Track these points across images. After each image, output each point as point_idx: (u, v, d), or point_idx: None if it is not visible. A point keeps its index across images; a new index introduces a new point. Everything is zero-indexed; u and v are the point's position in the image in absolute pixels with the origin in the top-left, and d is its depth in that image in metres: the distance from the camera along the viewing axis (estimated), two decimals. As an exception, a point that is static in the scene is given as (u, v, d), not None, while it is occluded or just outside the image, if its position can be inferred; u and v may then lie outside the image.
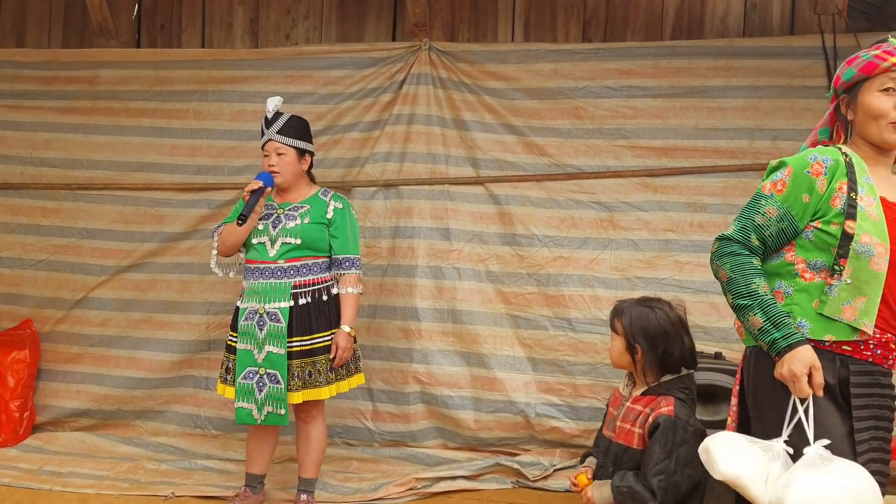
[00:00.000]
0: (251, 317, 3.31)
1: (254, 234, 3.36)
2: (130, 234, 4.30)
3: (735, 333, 3.73)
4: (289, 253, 3.32)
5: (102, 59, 4.38)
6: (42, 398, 4.34)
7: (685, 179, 3.91)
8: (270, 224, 3.35)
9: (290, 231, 3.33)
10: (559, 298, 3.96)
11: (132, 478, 3.79)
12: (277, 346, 3.26)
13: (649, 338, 2.41)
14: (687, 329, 2.47)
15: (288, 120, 3.40)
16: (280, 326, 3.26)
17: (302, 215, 3.36)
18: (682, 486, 2.25)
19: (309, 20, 4.37)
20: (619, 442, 2.41)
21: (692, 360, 2.45)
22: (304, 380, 3.29)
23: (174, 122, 4.29)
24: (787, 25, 4.03)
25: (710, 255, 2.19)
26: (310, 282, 3.34)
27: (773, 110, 3.87)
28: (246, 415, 3.30)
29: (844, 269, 2.07)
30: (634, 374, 2.48)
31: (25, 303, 4.40)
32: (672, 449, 2.26)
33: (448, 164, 4.10)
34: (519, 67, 4.06)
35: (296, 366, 3.29)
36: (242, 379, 3.30)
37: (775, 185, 2.17)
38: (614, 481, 2.33)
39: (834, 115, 2.33)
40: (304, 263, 3.34)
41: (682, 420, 2.30)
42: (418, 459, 4.00)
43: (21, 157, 4.42)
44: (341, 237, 3.39)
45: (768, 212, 2.15)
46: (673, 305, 2.49)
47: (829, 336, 2.08)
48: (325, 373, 3.32)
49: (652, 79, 3.95)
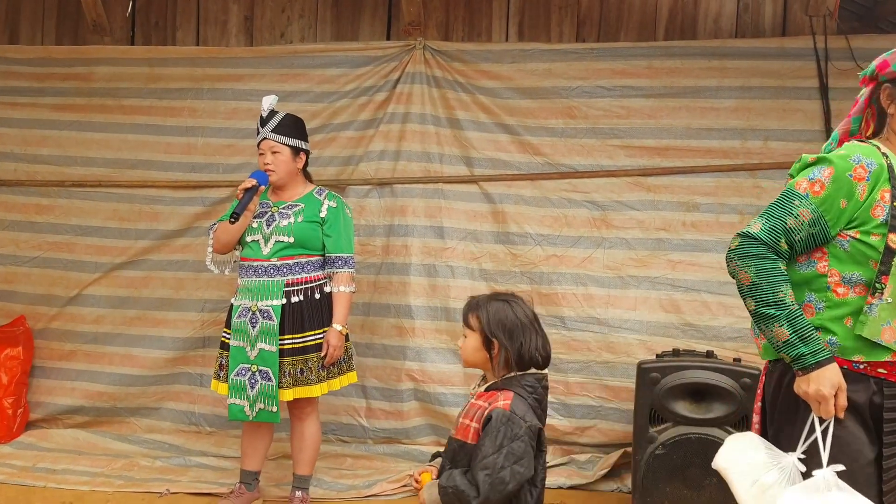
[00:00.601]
0: (244, 314, 3.33)
1: (248, 231, 3.37)
2: (125, 231, 4.31)
3: (726, 332, 3.82)
4: (282, 251, 3.34)
5: (97, 56, 4.38)
6: (36, 395, 4.34)
7: (678, 179, 3.94)
8: (265, 222, 3.37)
9: (283, 229, 3.34)
10: (552, 297, 3.98)
11: (126, 475, 3.80)
12: (269, 343, 3.28)
13: (506, 331, 2.25)
14: (540, 325, 2.33)
15: (283, 118, 3.42)
16: (272, 324, 3.28)
17: (296, 213, 3.38)
18: (509, 483, 2.11)
19: (304, 19, 4.37)
20: (457, 438, 2.26)
21: (545, 360, 2.30)
22: (295, 377, 3.31)
23: (169, 119, 4.29)
24: (779, 27, 4.07)
25: (728, 251, 2.00)
26: (302, 280, 3.36)
27: (765, 111, 3.90)
28: (238, 411, 3.31)
29: (886, 286, 1.91)
30: (488, 371, 2.33)
31: (19, 300, 4.40)
32: (502, 443, 2.12)
33: (442, 163, 4.12)
34: (513, 67, 4.08)
35: (287, 363, 3.30)
36: (235, 375, 3.31)
37: (813, 184, 1.93)
38: (441, 481, 2.20)
39: (868, 101, 2.10)
40: (298, 262, 3.36)
41: (516, 415, 2.15)
42: (412, 456, 4.02)
43: (15, 153, 4.42)
44: (334, 236, 3.40)
45: (801, 214, 1.93)
46: (525, 301, 2.35)
47: (859, 357, 1.94)
48: (316, 371, 3.34)
49: (645, 79, 3.98)
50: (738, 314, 3.83)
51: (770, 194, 3.84)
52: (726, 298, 3.84)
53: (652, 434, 3.29)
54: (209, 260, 3.47)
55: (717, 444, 3.18)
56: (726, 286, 3.85)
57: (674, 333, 3.87)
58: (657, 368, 3.31)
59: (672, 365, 3.32)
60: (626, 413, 3.81)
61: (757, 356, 3.69)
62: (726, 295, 3.84)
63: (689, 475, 3.25)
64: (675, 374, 3.28)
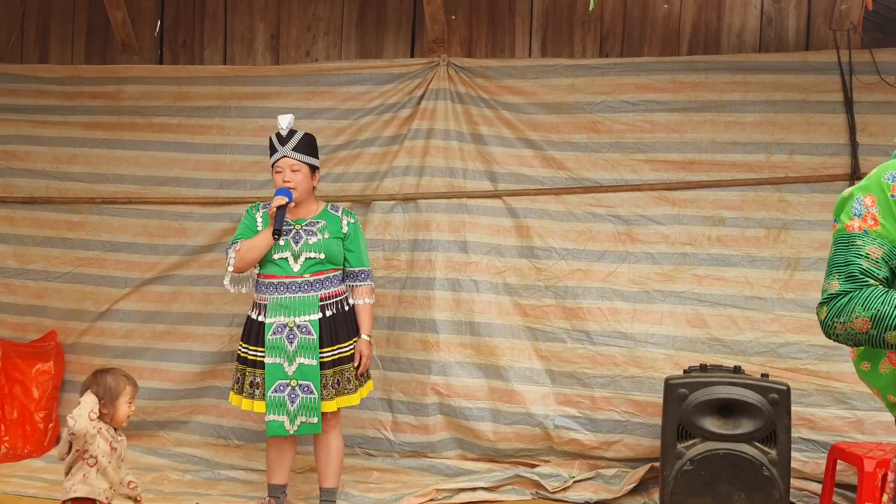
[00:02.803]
0: (279, 331, 3.39)
1: (274, 249, 3.43)
2: (154, 247, 4.37)
3: (753, 347, 3.82)
4: (313, 267, 3.43)
5: (126, 74, 4.46)
6: (66, 409, 4.38)
7: (703, 193, 3.95)
8: (291, 240, 3.43)
9: (313, 246, 3.42)
10: (577, 311, 3.99)
11: (157, 488, 3.85)
12: (310, 357, 3.38)
13: None
14: None
15: (302, 137, 3.51)
16: (312, 338, 3.38)
17: (321, 230, 3.47)
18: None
19: (329, 37, 4.43)
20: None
21: None
22: (335, 388, 3.42)
23: (197, 137, 4.36)
24: (802, 41, 4.07)
25: (822, 326, 1.75)
26: (332, 294, 3.47)
27: (789, 125, 3.90)
28: (278, 427, 3.38)
29: None
30: None
31: (50, 315, 4.47)
32: None
33: (466, 178, 4.15)
34: (536, 82, 4.11)
35: (328, 375, 3.41)
36: (273, 392, 3.37)
37: (864, 220, 1.73)
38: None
39: None
40: (328, 276, 3.47)
41: None
42: (438, 470, 4.04)
43: (46, 171, 4.49)
44: (356, 250, 3.54)
45: (871, 252, 1.70)
46: None
47: None
48: (352, 380, 3.47)
49: (669, 93, 3.99)
50: (765, 329, 3.83)
51: (796, 208, 3.85)
52: (753, 313, 3.84)
53: (680, 450, 3.29)
54: (228, 280, 3.51)
55: (745, 460, 3.23)
56: (753, 301, 3.85)
57: (700, 348, 3.86)
58: (685, 384, 3.32)
59: (700, 381, 3.33)
60: (653, 428, 3.81)
61: (784, 371, 3.73)
62: (753, 310, 3.84)
63: (717, 491, 3.25)
64: (702, 389, 3.29)
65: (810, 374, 3.78)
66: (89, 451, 2.84)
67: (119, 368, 3.15)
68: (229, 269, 3.46)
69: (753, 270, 3.88)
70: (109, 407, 2.91)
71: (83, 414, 2.80)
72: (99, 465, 2.86)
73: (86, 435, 2.79)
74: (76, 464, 2.86)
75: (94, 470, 2.85)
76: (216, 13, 4.51)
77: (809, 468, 3.74)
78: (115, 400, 2.93)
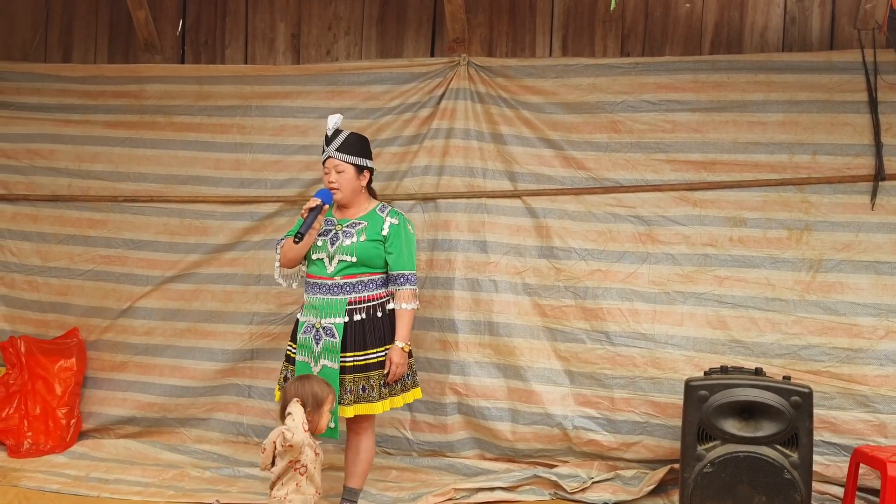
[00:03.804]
0: (308, 330, 3.41)
1: (314, 249, 3.43)
2: (175, 245, 4.40)
3: (774, 349, 3.80)
4: (345, 270, 3.40)
5: (148, 74, 4.49)
6: (88, 406, 4.45)
7: (724, 194, 3.92)
8: (329, 241, 3.43)
9: (346, 249, 3.40)
10: (597, 312, 3.98)
11: (177, 485, 3.88)
12: (331, 360, 3.35)
13: None
14: None
15: (347, 137, 3.47)
16: (334, 342, 3.35)
17: (358, 232, 3.43)
18: None
19: (349, 36, 4.44)
20: None
21: None
22: (356, 394, 3.37)
23: (218, 136, 4.38)
24: (826, 40, 4.03)
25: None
26: (365, 298, 3.41)
27: (812, 125, 3.86)
28: None
29: None
30: None
31: (73, 312, 4.51)
32: None
33: (485, 178, 4.14)
34: (557, 82, 4.09)
35: (349, 380, 3.36)
36: None
37: None
38: None
39: None
40: (361, 280, 3.41)
41: None
42: (456, 469, 4.05)
43: (69, 169, 4.53)
44: (396, 253, 3.44)
45: None
46: None
47: None
48: (378, 388, 3.39)
49: (691, 93, 3.97)
50: (786, 331, 3.80)
51: (819, 209, 3.82)
52: (774, 315, 3.81)
53: (700, 452, 3.27)
54: (277, 274, 3.54)
55: (766, 463, 3.21)
56: (774, 302, 3.82)
57: (721, 350, 3.84)
58: (705, 386, 3.30)
59: (720, 383, 3.31)
60: (673, 429, 3.80)
61: (806, 373, 3.71)
62: (774, 311, 3.81)
63: (738, 493, 3.23)
64: (723, 391, 3.27)
65: (832, 377, 3.74)
66: (301, 460, 2.92)
67: (316, 376, 3.23)
68: (276, 265, 3.52)
69: (775, 272, 3.85)
70: (314, 415, 2.99)
71: (298, 426, 2.88)
72: (308, 472, 2.96)
73: (301, 446, 2.87)
74: (287, 474, 2.95)
75: (304, 478, 2.95)
76: (237, 12, 4.53)
77: (831, 472, 3.71)
78: (320, 407, 3.02)
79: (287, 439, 2.85)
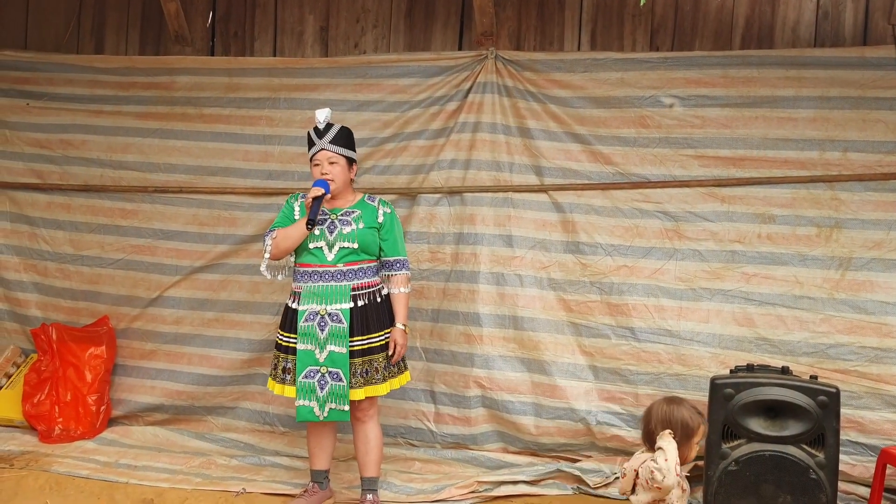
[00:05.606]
0: (311, 318, 3.45)
1: (310, 239, 3.49)
2: (204, 235, 4.45)
3: (801, 347, 3.77)
4: (347, 257, 3.48)
5: (178, 66, 4.53)
6: (118, 393, 4.52)
7: (753, 190, 3.89)
8: (326, 229, 3.49)
9: (347, 236, 3.47)
10: (622, 307, 3.97)
11: (204, 472, 3.93)
12: (340, 345, 3.42)
13: None
14: None
15: (339, 131, 3.56)
16: (342, 327, 3.42)
17: (356, 220, 3.51)
18: None
19: (378, 29, 4.45)
20: None
21: None
22: (364, 377, 3.46)
23: (247, 128, 4.42)
24: (859, 35, 3.97)
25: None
26: (365, 284, 3.51)
27: (844, 121, 3.81)
28: (307, 412, 3.44)
29: None
30: None
31: (103, 300, 4.58)
32: None
33: (512, 172, 4.14)
34: (585, 76, 4.08)
35: (357, 364, 3.45)
36: (303, 378, 3.43)
37: None
38: None
39: None
40: (361, 267, 3.51)
41: None
42: (479, 462, 4.07)
43: (101, 160, 4.60)
44: (391, 239, 3.57)
45: None
46: None
47: None
48: (381, 370, 3.50)
49: (721, 88, 3.93)
50: (814, 329, 3.77)
51: (849, 206, 3.77)
52: (802, 313, 3.77)
53: (725, 450, 3.26)
54: (263, 266, 3.58)
55: (792, 463, 3.19)
56: (802, 300, 3.79)
57: (747, 347, 3.81)
58: (731, 384, 3.28)
59: (746, 381, 3.29)
60: (697, 426, 3.78)
61: (833, 372, 3.67)
62: (802, 309, 3.78)
63: (762, 492, 3.21)
64: (749, 390, 3.25)
65: (860, 377, 3.70)
66: (666, 500, 2.74)
67: (688, 401, 2.91)
68: (266, 256, 3.55)
69: (804, 269, 3.81)
70: (683, 447, 2.73)
71: (671, 468, 2.62)
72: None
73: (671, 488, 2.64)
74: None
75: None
76: (266, 5, 4.56)
77: (857, 472, 3.68)
78: (690, 440, 2.77)
79: (657, 481, 2.63)
